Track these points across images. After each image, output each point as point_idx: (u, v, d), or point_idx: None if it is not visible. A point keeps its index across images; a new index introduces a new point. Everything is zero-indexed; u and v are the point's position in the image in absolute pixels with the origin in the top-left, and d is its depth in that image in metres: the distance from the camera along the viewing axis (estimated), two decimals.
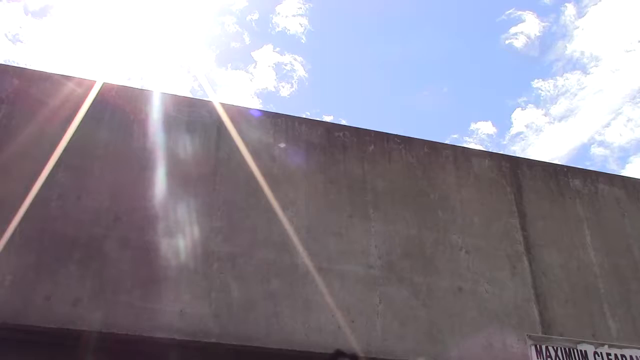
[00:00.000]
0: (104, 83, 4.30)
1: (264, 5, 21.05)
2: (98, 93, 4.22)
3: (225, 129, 4.40)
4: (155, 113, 4.34)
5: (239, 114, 4.53)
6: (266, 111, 4.71)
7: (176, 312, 3.68)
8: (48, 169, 3.85)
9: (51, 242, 3.69)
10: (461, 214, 4.71)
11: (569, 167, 5.46)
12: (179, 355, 3.72)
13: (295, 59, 21.50)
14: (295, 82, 20.95)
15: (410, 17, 21.71)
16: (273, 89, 21.40)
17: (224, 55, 22.14)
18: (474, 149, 5.25)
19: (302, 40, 20.32)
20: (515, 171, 5.15)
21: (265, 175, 4.30)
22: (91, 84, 4.27)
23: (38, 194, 3.76)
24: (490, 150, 5.38)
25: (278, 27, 19.66)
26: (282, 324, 3.83)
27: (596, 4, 20.06)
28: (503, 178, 5.06)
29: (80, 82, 4.28)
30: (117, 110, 4.27)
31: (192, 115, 4.43)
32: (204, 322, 3.70)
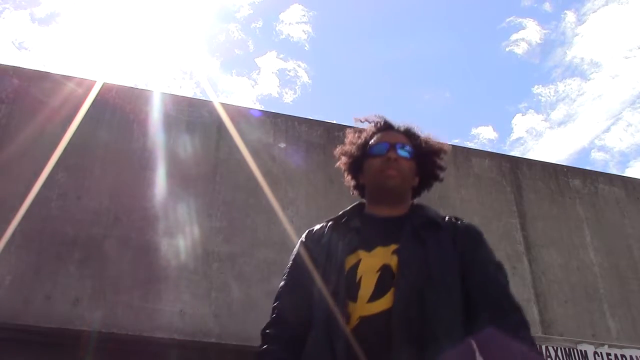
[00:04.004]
0: (104, 83, 4.30)
1: (268, 13, 21.05)
2: (98, 93, 4.22)
3: (225, 129, 4.40)
4: (155, 113, 4.34)
5: (239, 114, 4.53)
6: (266, 111, 4.71)
7: (176, 312, 3.68)
8: (48, 169, 3.84)
9: (51, 242, 3.69)
10: (461, 213, 4.68)
11: (569, 167, 5.46)
12: (179, 355, 3.72)
13: (299, 66, 21.49)
14: (298, 88, 20.93)
15: (412, 23, 21.75)
16: (276, 95, 21.40)
17: (228, 62, 22.15)
18: (474, 149, 5.25)
19: (306, 48, 20.31)
20: (515, 171, 5.14)
21: (265, 175, 4.29)
22: (91, 84, 4.26)
23: (38, 194, 3.75)
24: (490, 151, 5.38)
25: (282, 34, 19.65)
26: None
27: (595, 12, 20.08)
28: (503, 178, 5.06)
29: (80, 82, 4.28)
30: (117, 110, 4.27)
31: (192, 115, 4.42)
32: (204, 322, 3.70)
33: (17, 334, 3.48)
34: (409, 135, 1.73)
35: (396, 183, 1.62)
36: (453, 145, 5.12)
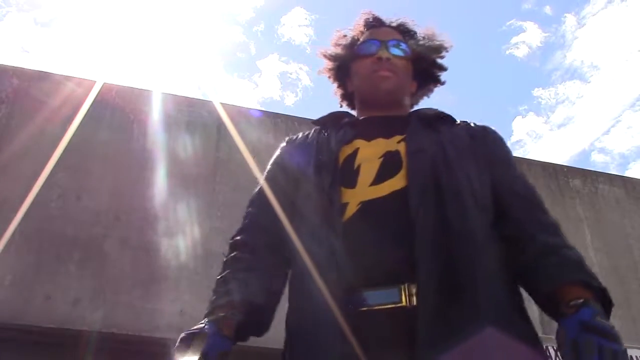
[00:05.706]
0: (104, 83, 4.30)
1: (270, 16, 21.08)
2: (98, 93, 4.22)
3: (225, 129, 4.40)
4: (155, 113, 4.34)
5: (239, 114, 4.53)
6: (266, 111, 4.71)
7: (176, 312, 3.67)
8: (48, 169, 3.84)
9: (51, 242, 3.69)
10: None
11: (569, 167, 5.46)
12: None
13: (300, 68, 21.51)
14: (300, 90, 20.93)
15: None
16: (278, 98, 21.41)
17: (230, 65, 22.18)
18: None
19: (307, 50, 20.32)
20: None
21: None
22: (91, 84, 4.26)
23: (38, 194, 3.75)
24: None
25: (284, 37, 19.66)
26: (283, 324, 3.83)
27: (595, 15, 20.12)
28: None
29: (80, 82, 4.28)
30: (117, 110, 4.27)
31: (192, 115, 4.42)
32: None
33: (17, 334, 3.48)
34: (403, 31, 1.46)
35: (391, 85, 1.35)
36: None
